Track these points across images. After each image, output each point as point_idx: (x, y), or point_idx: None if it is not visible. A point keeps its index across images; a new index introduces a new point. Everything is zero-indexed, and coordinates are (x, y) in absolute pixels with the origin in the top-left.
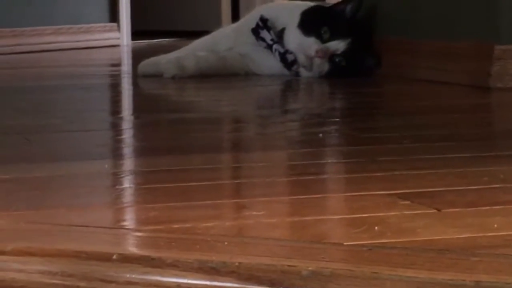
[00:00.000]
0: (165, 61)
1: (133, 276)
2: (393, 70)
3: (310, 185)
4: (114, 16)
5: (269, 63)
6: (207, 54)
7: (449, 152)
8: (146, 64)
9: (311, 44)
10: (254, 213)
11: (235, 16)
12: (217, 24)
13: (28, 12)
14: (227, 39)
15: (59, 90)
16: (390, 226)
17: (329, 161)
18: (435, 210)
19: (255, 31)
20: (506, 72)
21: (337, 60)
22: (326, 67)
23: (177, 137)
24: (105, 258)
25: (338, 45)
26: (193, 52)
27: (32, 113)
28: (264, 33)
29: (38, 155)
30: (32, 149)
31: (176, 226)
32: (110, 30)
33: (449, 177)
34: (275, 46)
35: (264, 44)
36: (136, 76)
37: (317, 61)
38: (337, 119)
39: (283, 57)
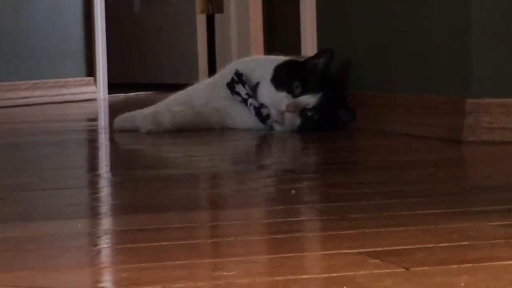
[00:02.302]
0: (141, 116)
1: None
2: (367, 124)
3: (282, 244)
4: (90, 70)
5: (244, 117)
6: (183, 109)
7: (420, 208)
8: (122, 119)
9: (282, 99)
10: (225, 273)
11: (212, 70)
12: (194, 77)
13: (4, 67)
14: (203, 94)
15: (35, 147)
16: (359, 286)
17: (301, 218)
18: (403, 269)
19: (230, 86)
20: (479, 125)
21: (308, 114)
22: (297, 121)
23: (153, 195)
24: None
25: (309, 100)
26: (169, 107)
27: (7, 171)
28: (239, 88)
29: (12, 215)
30: (6, 209)
31: (147, 287)
32: (86, 84)
33: (419, 235)
34: (250, 100)
35: (239, 98)
36: (113, 131)
37: (288, 115)
38: (310, 175)
39: (258, 111)
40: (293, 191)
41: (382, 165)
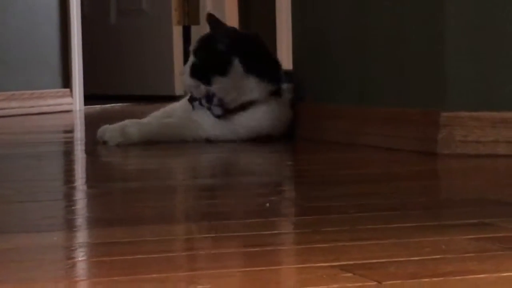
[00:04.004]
0: (109, 130)
1: None
2: (341, 137)
3: (255, 257)
4: (66, 82)
5: (217, 127)
6: (150, 121)
7: (393, 221)
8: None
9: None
10: (200, 286)
11: None
12: (170, 89)
13: None
14: (181, 108)
15: (10, 159)
16: None
17: (275, 232)
18: (376, 282)
19: (191, 100)
20: (453, 138)
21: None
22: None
23: (129, 207)
24: None
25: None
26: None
27: None
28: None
29: None
30: None
31: None
32: (62, 96)
33: (392, 248)
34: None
35: (199, 102)
36: (88, 143)
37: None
38: (284, 188)
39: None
40: (267, 204)
41: (356, 178)
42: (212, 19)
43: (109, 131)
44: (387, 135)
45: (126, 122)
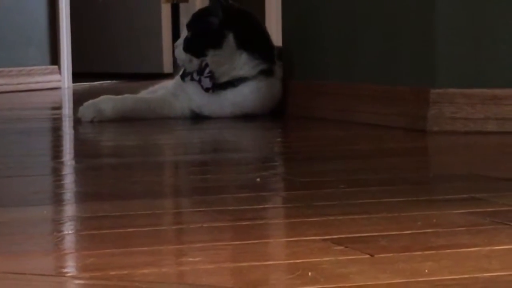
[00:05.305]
0: (83, 105)
1: None
2: (331, 114)
3: (247, 231)
4: (55, 59)
5: (210, 103)
6: (125, 96)
7: (384, 196)
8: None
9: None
10: (191, 259)
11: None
12: (159, 66)
13: None
14: (170, 85)
15: None
16: (324, 272)
17: (266, 206)
18: (368, 256)
19: (183, 76)
20: (442, 115)
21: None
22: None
23: (118, 182)
24: None
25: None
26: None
27: None
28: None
29: None
30: None
31: (112, 273)
32: (51, 73)
33: (384, 222)
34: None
35: (190, 78)
36: (76, 120)
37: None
38: (275, 163)
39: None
40: (258, 179)
41: (347, 154)
42: None
43: (83, 107)
44: (377, 112)
45: (101, 98)
